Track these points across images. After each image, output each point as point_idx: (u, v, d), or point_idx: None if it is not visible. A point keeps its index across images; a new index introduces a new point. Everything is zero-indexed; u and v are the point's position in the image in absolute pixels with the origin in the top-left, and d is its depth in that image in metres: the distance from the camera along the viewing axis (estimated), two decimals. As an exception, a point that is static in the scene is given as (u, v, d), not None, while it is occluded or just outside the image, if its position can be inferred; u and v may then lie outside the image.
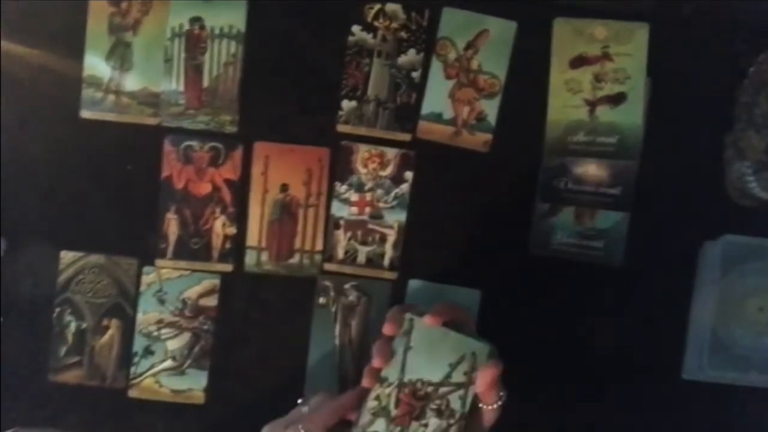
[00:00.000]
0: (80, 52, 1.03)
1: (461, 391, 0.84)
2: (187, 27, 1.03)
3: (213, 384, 1.06)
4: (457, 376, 0.84)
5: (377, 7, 1.03)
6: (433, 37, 1.04)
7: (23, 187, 1.05)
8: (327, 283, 1.06)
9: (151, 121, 1.04)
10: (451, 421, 0.85)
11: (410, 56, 1.04)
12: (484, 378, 0.85)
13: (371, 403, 0.86)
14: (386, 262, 1.06)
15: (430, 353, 0.85)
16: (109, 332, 1.06)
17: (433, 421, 0.85)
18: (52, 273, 1.05)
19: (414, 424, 0.85)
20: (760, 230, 1.04)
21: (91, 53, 1.03)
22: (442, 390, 0.85)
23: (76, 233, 1.05)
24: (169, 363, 1.06)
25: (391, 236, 1.05)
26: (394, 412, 0.86)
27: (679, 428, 1.08)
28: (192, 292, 1.06)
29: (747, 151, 1.00)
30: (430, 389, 0.85)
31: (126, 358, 1.06)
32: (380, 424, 0.86)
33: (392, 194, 1.05)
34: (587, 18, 1.03)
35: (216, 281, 1.06)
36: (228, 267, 1.06)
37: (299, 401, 0.92)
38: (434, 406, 0.85)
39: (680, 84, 1.04)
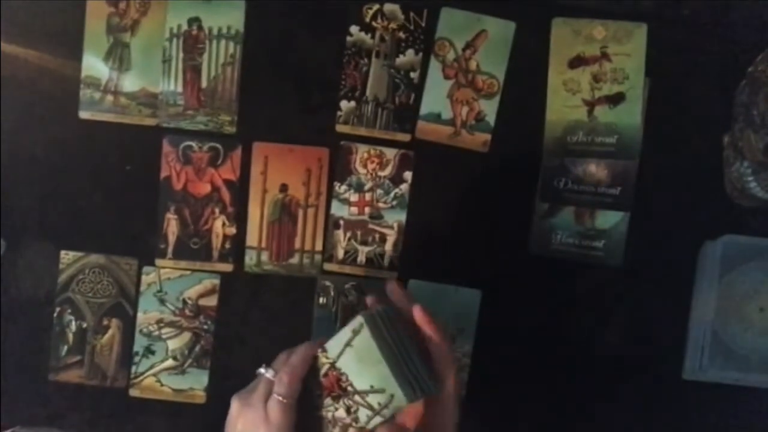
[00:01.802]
0: (79, 52, 1.03)
1: (371, 413, 0.85)
2: (185, 28, 1.03)
3: (214, 383, 1.07)
4: (373, 400, 0.84)
5: (375, 7, 1.03)
6: (432, 37, 1.04)
7: (23, 187, 1.05)
8: (327, 283, 1.06)
9: (150, 121, 1.04)
10: (354, 424, 0.86)
11: (409, 56, 1.04)
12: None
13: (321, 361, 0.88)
14: (386, 262, 1.06)
15: (361, 365, 0.85)
16: (110, 332, 1.06)
17: (341, 413, 0.86)
18: (52, 273, 1.05)
19: (328, 400, 0.87)
20: (760, 230, 1.04)
21: (90, 54, 1.03)
22: (357, 398, 0.85)
23: (76, 233, 1.06)
24: (170, 362, 1.06)
25: (391, 236, 1.05)
26: (323, 379, 0.87)
27: (679, 428, 1.08)
28: (192, 292, 1.06)
29: (746, 152, 1.00)
30: (350, 388, 0.86)
31: (127, 357, 1.06)
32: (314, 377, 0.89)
33: (392, 194, 1.05)
34: (586, 18, 1.03)
35: (216, 281, 1.06)
36: (228, 267, 1.06)
37: (259, 370, 0.91)
38: (347, 403, 0.86)
39: (679, 84, 1.04)
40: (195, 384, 1.07)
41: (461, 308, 1.05)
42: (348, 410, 0.86)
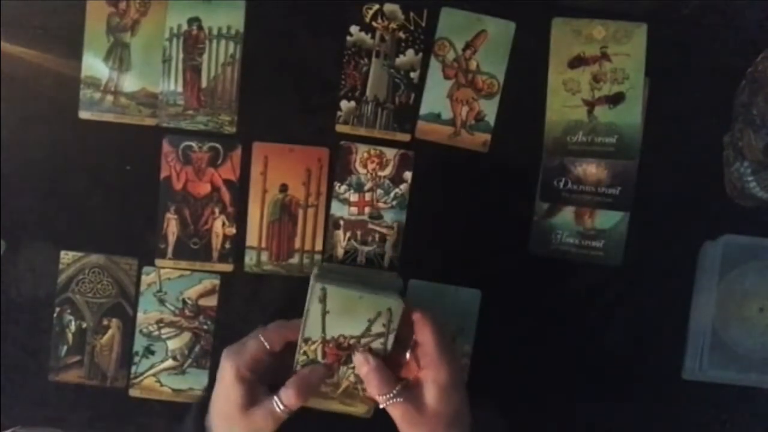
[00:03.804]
0: (79, 52, 1.03)
1: (382, 339, 0.90)
2: (185, 28, 1.03)
3: (214, 383, 1.06)
4: (377, 328, 0.89)
5: (375, 7, 1.03)
6: (432, 37, 1.04)
7: (23, 187, 1.05)
8: (327, 283, 1.06)
9: (150, 121, 1.04)
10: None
11: (409, 56, 1.04)
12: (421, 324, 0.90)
13: (300, 358, 0.91)
14: (386, 262, 1.06)
15: (348, 314, 0.89)
16: (110, 332, 1.06)
17: (359, 349, 0.91)
18: (52, 273, 1.05)
19: (343, 368, 0.92)
20: (760, 230, 1.04)
21: (90, 54, 1.03)
22: (364, 340, 0.90)
23: (76, 233, 1.06)
24: (169, 362, 1.07)
25: (391, 236, 1.05)
26: (322, 361, 0.91)
27: (679, 428, 1.08)
28: (192, 292, 1.06)
29: (745, 152, 1.00)
30: (352, 341, 0.90)
31: (126, 357, 1.06)
32: None
33: (392, 194, 1.05)
34: (586, 18, 1.03)
35: (216, 281, 1.06)
36: (228, 267, 1.06)
37: None
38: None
39: (678, 84, 1.04)
40: (195, 384, 1.07)
41: (461, 308, 1.05)
42: None
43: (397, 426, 0.88)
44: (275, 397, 0.88)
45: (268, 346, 0.91)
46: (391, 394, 0.87)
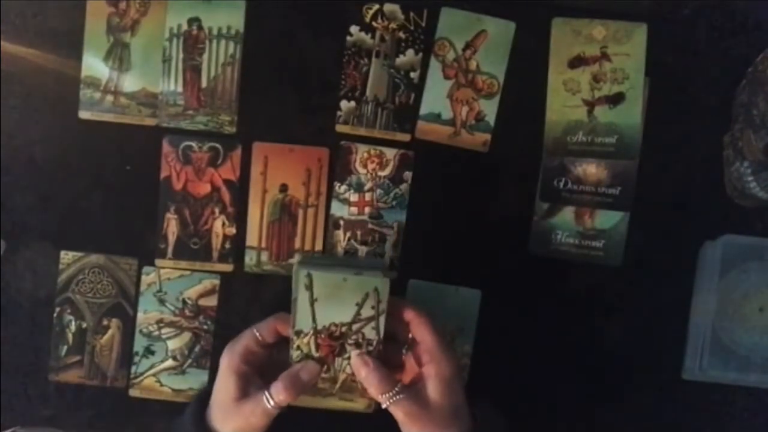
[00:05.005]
0: (79, 52, 1.03)
1: (373, 323, 0.90)
2: (185, 27, 1.03)
3: (213, 382, 1.06)
4: (366, 312, 0.89)
5: (376, 7, 1.03)
6: (432, 37, 1.04)
7: (23, 187, 1.05)
8: (327, 283, 1.06)
9: (150, 121, 1.04)
10: (370, 348, 0.91)
11: (409, 56, 1.04)
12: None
13: (294, 353, 0.91)
14: (386, 262, 1.06)
15: (335, 300, 0.89)
16: (110, 332, 1.06)
17: (354, 353, 0.91)
18: (52, 273, 1.05)
19: (338, 360, 0.92)
20: (760, 230, 1.04)
21: (90, 54, 1.03)
22: (356, 326, 0.90)
23: (76, 233, 1.05)
24: (169, 362, 1.06)
25: (391, 236, 1.05)
26: (317, 354, 0.91)
27: (679, 428, 1.08)
28: (192, 292, 1.06)
29: (745, 152, 1.00)
30: (344, 329, 0.90)
31: (126, 357, 1.06)
32: None
33: (392, 194, 1.05)
34: (586, 18, 1.03)
35: (216, 281, 1.06)
36: (228, 267, 1.06)
37: None
38: (351, 341, 0.91)
39: (679, 84, 1.04)
40: (195, 384, 1.07)
41: (461, 308, 1.05)
42: (357, 344, 0.91)
43: (399, 424, 0.88)
44: (266, 392, 0.89)
45: (260, 337, 0.92)
46: (393, 392, 0.87)
